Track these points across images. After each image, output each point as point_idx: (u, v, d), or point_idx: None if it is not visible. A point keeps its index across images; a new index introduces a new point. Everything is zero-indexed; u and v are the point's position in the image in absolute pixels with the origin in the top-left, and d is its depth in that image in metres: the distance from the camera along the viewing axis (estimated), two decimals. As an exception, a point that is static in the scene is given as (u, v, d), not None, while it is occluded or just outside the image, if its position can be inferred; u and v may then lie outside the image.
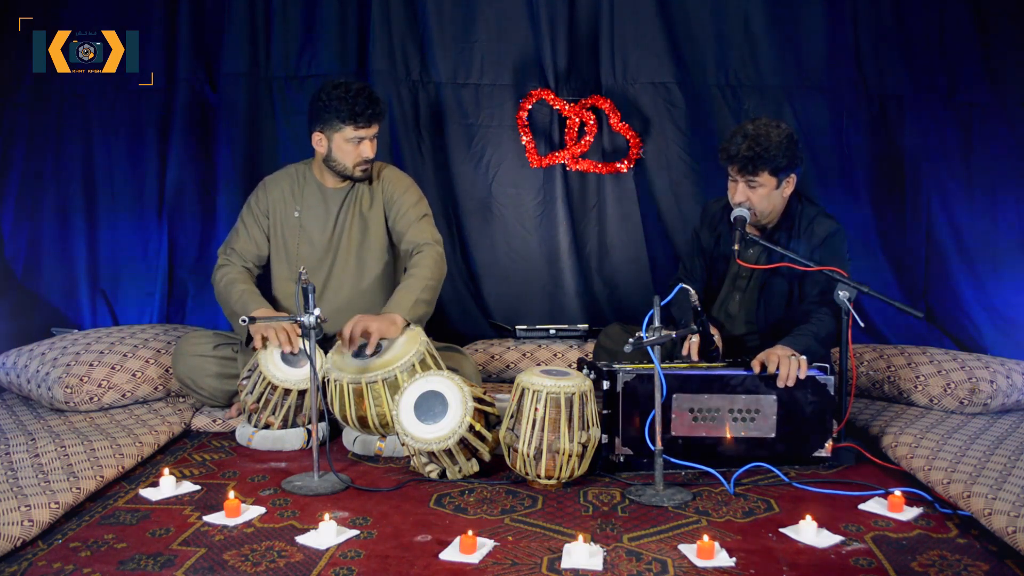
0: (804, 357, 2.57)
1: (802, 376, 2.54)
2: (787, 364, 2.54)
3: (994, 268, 3.76)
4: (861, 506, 2.31)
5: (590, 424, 2.43)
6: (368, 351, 2.66)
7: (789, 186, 2.82)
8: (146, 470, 2.58)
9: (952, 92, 3.81)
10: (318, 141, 2.97)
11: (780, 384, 2.55)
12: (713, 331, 2.80)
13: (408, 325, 2.77)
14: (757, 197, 2.79)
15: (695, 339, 2.74)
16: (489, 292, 4.02)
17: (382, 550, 2.02)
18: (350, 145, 2.93)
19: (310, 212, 3.05)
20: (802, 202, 2.90)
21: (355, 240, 3.05)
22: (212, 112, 3.91)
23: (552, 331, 3.74)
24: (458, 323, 3.95)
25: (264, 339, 2.79)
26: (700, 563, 1.95)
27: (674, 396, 2.53)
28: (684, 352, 2.76)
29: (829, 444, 2.61)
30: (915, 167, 3.84)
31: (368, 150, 2.94)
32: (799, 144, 2.80)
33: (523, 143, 3.91)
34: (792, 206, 2.88)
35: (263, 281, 3.08)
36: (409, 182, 3.13)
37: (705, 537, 1.98)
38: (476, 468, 2.51)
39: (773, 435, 2.58)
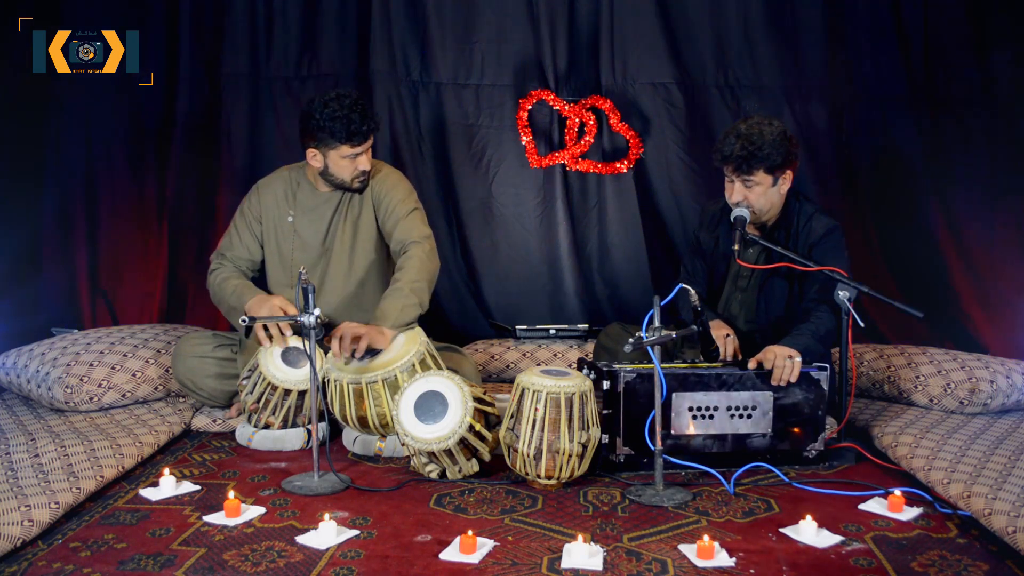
0: (799, 359, 2.57)
1: (794, 379, 2.56)
2: (782, 364, 2.55)
3: (994, 268, 3.76)
4: (861, 506, 2.31)
5: (590, 424, 2.43)
6: (357, 355, 2.62)
7: (786, 182, 2.83)
8: (146, 470, 2.58)
9: (949, 92, 3.81)
10: (312, 156, 2.91)
11: (774, 383, 2.56)
12: (728, 330, 2.81)
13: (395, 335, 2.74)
14: (754, 196, 2.79)
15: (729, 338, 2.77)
16: (489, 292, 4.02)
17: (382, 550, 2.02)
18: (346, 161, 2.88)
19: (304, 217, 3.03)
20: (800, 200, 2.91)
21: (347, 242, 3.03)
22: (212, 112, 3.91)
23: (552, 331, 3.73)
24: (458, 323, 3.95)
25: (268, 334, 2.78)
26: (700, 563, 1.95)
27: (674, 395, 2.54)
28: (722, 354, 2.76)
29: (823, 438, 2.61)
30: (914, 167, 3.84)
31: (365, 163, 2.90)
32: (793, 140, 2.80)
33: (523, 143, 3.91)
34: (790, 204, 2.88)
35: (259, 284, 3.06)
36: (397, 178, 3.07)
37: (705, 537, 1.98)
38: (476, 468, 2.51)
39: (770, 431, 2.59)
